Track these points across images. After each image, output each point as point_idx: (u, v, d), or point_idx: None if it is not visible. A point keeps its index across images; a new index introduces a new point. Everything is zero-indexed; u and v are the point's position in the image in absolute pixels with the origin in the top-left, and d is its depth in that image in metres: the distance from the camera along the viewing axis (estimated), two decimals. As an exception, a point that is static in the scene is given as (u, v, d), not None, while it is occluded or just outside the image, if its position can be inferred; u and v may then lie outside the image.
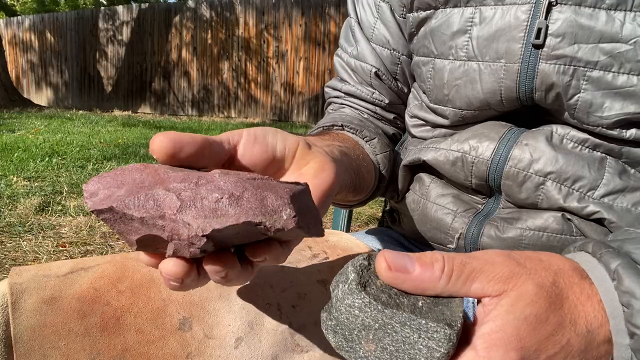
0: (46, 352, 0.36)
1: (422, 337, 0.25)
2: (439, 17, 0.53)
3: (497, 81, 0.49)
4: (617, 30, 0.43)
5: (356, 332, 0.27)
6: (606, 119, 0.45)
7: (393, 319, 0.26)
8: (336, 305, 0.28)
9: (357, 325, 0.27)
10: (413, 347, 0.26)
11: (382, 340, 0.26)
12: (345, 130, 0.57)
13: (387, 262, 0.27)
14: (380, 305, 0.26)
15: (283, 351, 0.41)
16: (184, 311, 0.40)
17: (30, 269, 0.41)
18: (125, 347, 0.37)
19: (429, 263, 0.28)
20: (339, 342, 0.28)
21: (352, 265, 0.29)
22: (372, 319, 0.26)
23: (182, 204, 0.27)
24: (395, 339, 0.26)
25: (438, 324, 0.25)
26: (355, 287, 0.27)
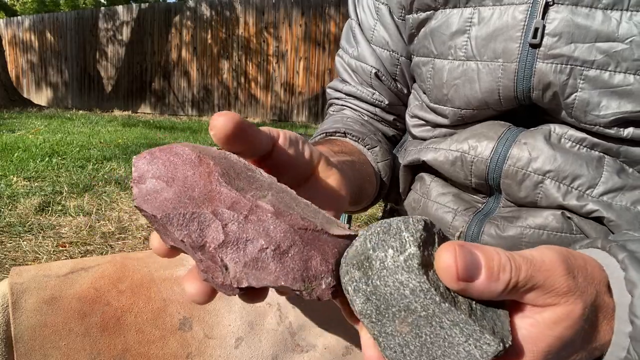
0: (47, 352, 0.36)
1: (468, 342, 0.24)
2: (438, 18, 0.54)
3: (495, 80, 0.49)
4: (614, 29, 0.43)
5: (394, 310, 0.25)
6: (603, 117, 0.45)
7: (446, 314, 0.24)
8: (381, 272, 0.25)
9: (401, 304, 0.25)
10: (453, 347, 0.24)
11: (420, 328, 0.25)
12: (348, 137, 0.58)
13: (457, 269, 0.24)
14: (439, 297, 0.24)
15: (283, 351, 0.41)
16: (184, 311, 0.40)
17: (30, 269, 0.41)
18: (125, 347, 0.37)
19: (496, 273, 0.25)
20: (367, 310, 0.25)
21: (409, 231, 0.25)
22: (422, 306, 0.24)
23: (225, 238, 0.26)
24: (436, 332, 0.24)
25: (494, 338, 0.24)
26: (416, 267, 0.24)
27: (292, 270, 0.26)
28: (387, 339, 0.26)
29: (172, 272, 0.44)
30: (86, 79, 10.39)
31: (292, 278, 0.26)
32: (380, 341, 0.26)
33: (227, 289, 0.26)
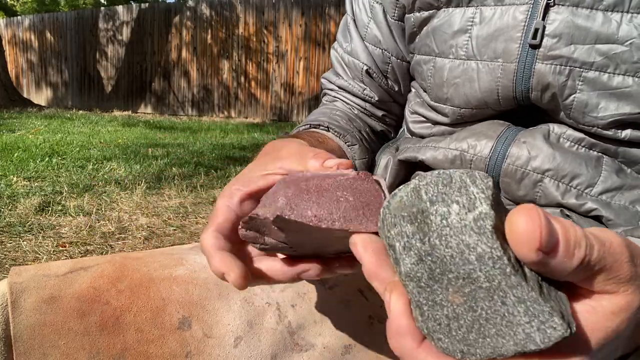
0: (46, 351, 0.36)
1: (532, 324, 0.21)
2: (441, 17, 0.54)
3: (494, 80, 0.49)
4: (614, 31, 0.43)
5: (451, 276, 0.21)
6: (601, 119, 0.45)
7: (513, 290, 0.21)
8: (442, 231, 0.21)
9: (461, 271, 0.21)
10: (511, 327, 0.21)
11: (477, 301, 0.21)
12: (330, 132, 0.59)
13: (541, 237, 0.20)
14: (510, 269, 0.20)
15: (282, 350, 0.41)
16: (183, 310, 0.41)
17: (30, 268, 0.41)
18: (124, 346, 0.37)
19: (572, 248, 0.22)
20: (417, 273, 0.22)
21: (479, 187, 0.21)
22: (486, 276, 0.21)
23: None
24: (495, 308, 0.21)
25: (562, 322, 0.21)
26: (489, 229, 0.20)
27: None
28: (433, 309, 0.22)
29: (171, 271, 0.44)
30: (86, 79, 10.39)
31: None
32: (424, 310, 0.22)
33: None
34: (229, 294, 0.43)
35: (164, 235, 2.08)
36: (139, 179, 2.94)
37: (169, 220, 2.27)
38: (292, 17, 8.07)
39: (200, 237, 0.32)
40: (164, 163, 3.53)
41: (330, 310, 0.46)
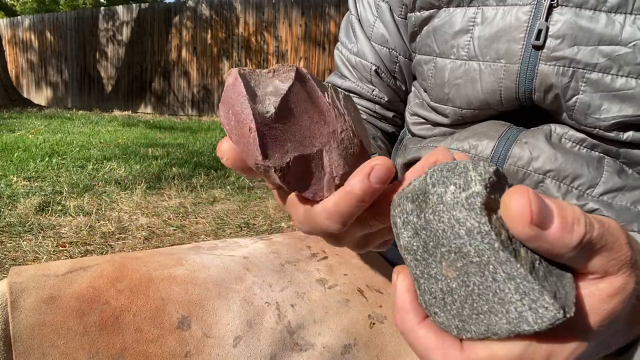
0: (45, 351, 0.36)
1: (523, 302, 0.21)
2: (442, 16, 0.54)
3: (496, 81, 0.49)
4: (617, 32, 0.43)
5: (444, 250, 0.22)
6: (603, 120, 0.45)
7: (503, 266, 0.21)
8: (436, 207, 0.22)
9: (452, 245, 0.22)
10: (503, 305, 0.22)
11: (469, 276, 0.22)
12: None
13: (531, 211, 0.21)
14: (498, 244, 0.21)
15: (282, 350, 0.41)
16: (182, 310, 0.41)
17: (29, 268, 0.41)
18: (124, 346, 0.37)
19: (570, 225, 0.22)
20: (413, 246, 0.23)
21: (476, 171, 0.22)
22: (476, 251, 0.21)
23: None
24: (486, 284, 0.22)
25: (554, 303, 0.21)
26: (478, 205, 0.21)
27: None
28: (428, 282, 0.23)
29: (170, 271, 0.44)
30: (86, 79, 10.39)
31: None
32: (420, 283, 0.24)
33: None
34: (229, 294, 0.43)
35: (164, 235, 2.08)
36: (139, 179, 2.94)
37: (169, 220, 2.27)
38: (292, 17, 8.07)
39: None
40: (164, 163, 3.53)
41: (329, 310, 0.46)
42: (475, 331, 0.23)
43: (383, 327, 0.47)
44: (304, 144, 0.30)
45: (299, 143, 0.30)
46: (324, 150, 0.30)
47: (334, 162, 0.31)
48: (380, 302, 0.49)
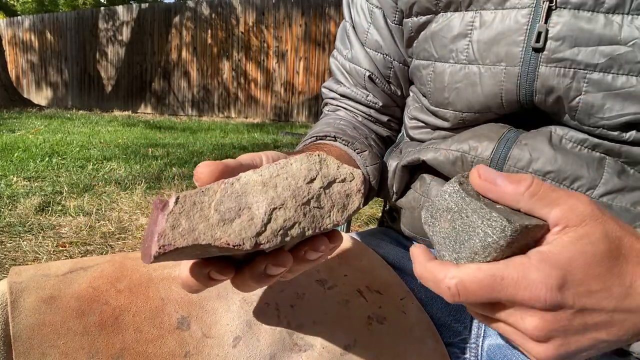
0: (45, 351, 0.36)
1: (483, 223, 0.30)
2: (439, 21, 0.54)
3: (497, 84, 0.49)
4: (616, 33, 0.44)
5: (440, 212, 0.33)
6: (607, 120, 0.45)
7: (469, 205, 0.31)
8: (437, 194, 0.36)
9: (443, 206, 0.33)
10: (474, 230, 0.30)
11: (454, 222, 0.32)
12: (338, 141, 0.58)
13: (478, 172, 0.32)
14: (465, 194, 0.31)
15: (281, 350, 0.42)
16: (182, 310, 0.41)
17: (29, 268, 0.41)
18: (123, 346, 0.37)
19: (516, 179, 0.31)
20: (426, 217, 0.34)
21: (457, 175, 0.34)
22: (455, 204, 0.32)
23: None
24: (464, 222, 0.31)
25: (500, 216, 0.29)
26: (454, 181, 0.33)
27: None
28: (436, 236, 0.33)
29: (170, 271, 0.44)
30: (86, 79, 10.39)
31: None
32: (433, 240, 0.33)
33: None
34: (228, 294, 0.43)
35: (164, 235, 2.08)
36: (139, 179, 2.94)
37: (168, 220, 2.26)
38: (292, 17, 8.07)
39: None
40: (164, 163, 3.53)
41: (329, 311, 0.46)
42: (465, 257, 0.31)
43: (382, 328, 0.47)
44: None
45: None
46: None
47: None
48: (379, 303, 0.49)
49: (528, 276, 0.29)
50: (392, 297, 0.50)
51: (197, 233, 0.28)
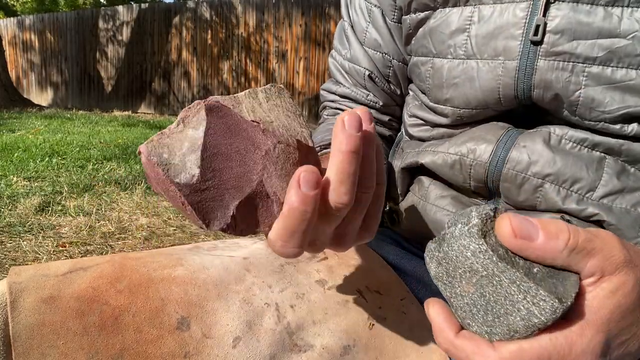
0: (44, 351, 0.36)
1: (526, 300, 0.26)
2: (437, 17, 0.54)
3: (495, 78, 0.49)
4: (615, 25, 0.43)
5: (460, 272, 0.28)
6: (609, 113, 0.45)
7: (504, 273, 0.27)
8: (449, 241, 0.29)
9: (465, 266, 0.28)
10: (513, 305, 0.27)
11: (483, 287, 0.28)
12: None
13: (512, 228, 0.27)
14: (496, 257, 0.27)
15: (281, 351, 0.41)
16: (182, 311, 0.41)
17: (29, 268, 0.41)
18: (123, 346, 0.37)
19: (554, 234, 0.28)
20: (439, 274, 0.30)
21: (477, 211, 0.29)
22: (482, 266, 0.27)
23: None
24: (497, 291, 0.27)
25: (549, 295, 0.26)
26: (476, 232, 0.28)
27: None
28: (457, 299, 0.29)
29: (170, 271, 0.44)
30: (86, 79, 10.39)
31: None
32: (452, 302, 0.29)
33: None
34: (228, 295, 0.43)
35: (164, 236, 2.08)
36: (139, 179, 2.94)
37: (169, 220, 2.27)
38: (292, 17, 8.07)
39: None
40: (164, 163, 3.53)
41: (329, 311, 0.46)
42: (500, 333, 0.28)
43: (382, 329, 0.47)
44: (240, 184, 0.29)
45: (235, 188, 0.29)
46: (263, 180, 0.29)
47: (277, 188, 0.30)
48: (379, 303, 0.49)
49: (574, 349, 0.27)
50: (392, 298, 0.50)
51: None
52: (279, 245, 0.30)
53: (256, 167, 0.29)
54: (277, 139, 0.29)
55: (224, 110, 0.29)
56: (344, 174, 0.29)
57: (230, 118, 0.29)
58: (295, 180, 0.28)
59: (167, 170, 0.27)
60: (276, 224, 0.30)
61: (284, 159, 0.30)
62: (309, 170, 0.28)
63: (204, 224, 0.28)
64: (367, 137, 0.31)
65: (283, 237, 0.30)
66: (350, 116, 0.28)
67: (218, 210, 0.28)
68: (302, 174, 0.28)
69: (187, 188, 0.27)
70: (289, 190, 0.28)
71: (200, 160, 0.28)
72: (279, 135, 0.30)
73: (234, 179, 0.29)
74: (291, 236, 0.30)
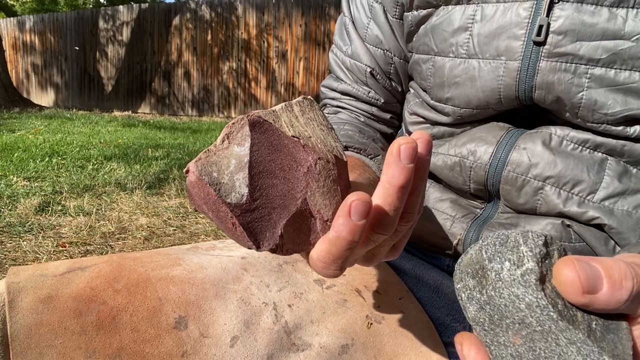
0: (42, 351, 0.36)
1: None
2: (440, 15, 0.53)
3: (496, 79, 0.48)
4: (620, 27, 0.43)
5: (508, 322, 0.25)
6: (611, 115, 0.44)
7: (563, 332, 0.24)
8: (496, 285, 0.25)
9: (515, 317, 0.25)
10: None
11: (534, 342, 0.25)
12: (350, 151, 0.57)
13: (580, 282, 0.24)
14: (556, 315, 0.24)
15: (279, 350, 0.41)
16: (179, 310, 0.41)
17: (27, 268, 0.41)
18: (120, 346, 0.37)
19: (619, 283, 0.24)
20: (479, 318, 0.26)
21: (528, 247, 0.25)
22: (537, 322, 0.24)
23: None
24: (551, 348, 0.24)
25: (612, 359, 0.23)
26: (533, 282, 0.24)
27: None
28: (499, 348, 0.26)
29: (168, 271, 0.44)
30: (86, 79, 10.39)
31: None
32: (492, 349, 0.26)
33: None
34: (226, 294, 0.43)
35: (164, 236, 2.08)
36: (139, 179, 2.94)
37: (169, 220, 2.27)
38: (292, 17, 8.07)
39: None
40: (164, 163, 3.53)
41: (327, 311, 0.46)
42: None
43: (381, 328, 0.46)
44: (286, 203, 0.29)
45: (282, 206, 0.28)
46: (307, 197, 0.29)
47: (320, 206, 0.29)
48: (378, 303, 0.49)
49: None
50: (390, 297, 0.50)
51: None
52: (320, 266, 0.30)
53: (299, 185, 0.29)
54: (318, 155, 0.29)
55: (266, 125, 0.29)
56: (391, 207, 0.28)
57: (272, 134, 0.29)
58: (346, 207, 0.27)
59: (218, 190, 0.27)
60: (320, 245, 0.29)
61: (325, 175, 0.29)
62: (362, 199, 0.26)
63: (254, 245, 0.28)
64: (421, 166, 0.29)
65: (326, 261, 0.29)
66: (407, 145, 0.27)
67: (267, 230, 0.28)
68: (354, 202, 0.26)
69: (238, 209, 0.27)
70: (338, 218, 0.27)
71: (249, 179, 0.27)
72: (318, 151, 0.29)
73: (279, 197, 0.28)
74: (334, 261, 0.29)
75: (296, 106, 0.31)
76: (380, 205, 0.28)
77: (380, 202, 0.28)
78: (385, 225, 0.29)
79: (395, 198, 0.28)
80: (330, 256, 0.29)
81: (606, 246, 0.46)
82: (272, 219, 0.28)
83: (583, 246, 0.47)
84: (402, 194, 0.28)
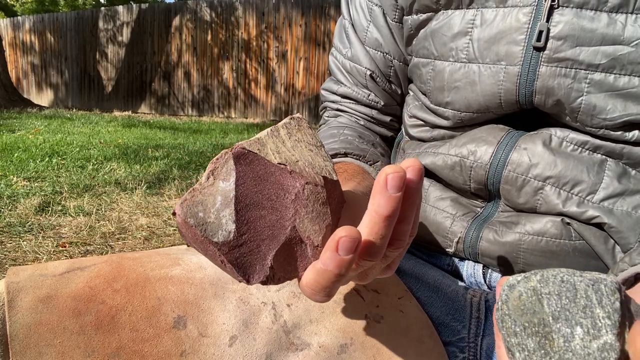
0: (41, 350, 0.36)
1: None
2: (439, 19, 0.53)
3: (496, 84, 0.49)
4: (619, 32, 0.43)
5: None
6: (610, 120, 0.45)
7: None
8: (564, 354, 0.21)
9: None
10: None
11: None
12: (349, 157, 0.57)
13: None
14: None
15: (277, 350, 0.42)
16: (178, 310, 0.41)
17: (27, 268, 0.41)
18: (119, 345, 0.37)
19: None
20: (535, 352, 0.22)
21: (605, 311, 0.21)
22: None
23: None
24: None
25: None
26: (614, 358, 0.20)
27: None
28: None
29: (167, 271, 0.44)
30: (86, 79, 10.40)
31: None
32: None
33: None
34: (225, 294, 0.43)
35: (164, 236, 2.09)
36: (139, 179, 2.94)
37: (169, 221, 2.27)
38: (292, 17, 8.07)
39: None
40: (164, 163, 3.53)
41: (326, 310, 0.46)
42: None
43: (380, 327, 0.47)
44: (274, 233, 0.29)
45: (271, 237, 0.28)
46: (296, 225, 0.29)
47: (310, 232, 0.29)
48: (377, 302, 0.49)
49: None
50: (389, 296, 0.50)
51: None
52: (308, 292, 0.31)
53: (288, 213, 0.29)
54: (305, 180, 0.29)
55: (251, 156, 0.29)
56: (377, 235, 0.28)
57: (258, 164, 0.29)
58: (333, 243, 0.27)
59: (204, 230, 0.27)
60: (309, 273, 0.30)
61: (313, 200, 0.29)
62: (350, 236, 0.26)
63: (245, 280, 0.28)
64: (410, 195, 0.29)
65: (314, 288, 0.30)
66: (394, 175, 0.26)
67: (257, 263, 0.28)
68: (342, 238, 0.26)
69: (226, 246, 0.27)
70: (325, 251, 0.27)
71: (235, 214, 0.27)
72: (306, 176, 0.29)
73: (268, 227, 0.28)
74: (322, 290, 0.30)
75: (283, 129, 0.31)
76: (367, 233, 0.28)
77: (366, 230, 0.28)
78: (373, 253, 0.29)
79: (382, 227, 0.28)
80: (318, 285, 0.29)
81: (606, 245, 0.46)
82: (261, 251, 0.28)
83: (583, 244, 0.47)
84: (389, 223, 0.28)
